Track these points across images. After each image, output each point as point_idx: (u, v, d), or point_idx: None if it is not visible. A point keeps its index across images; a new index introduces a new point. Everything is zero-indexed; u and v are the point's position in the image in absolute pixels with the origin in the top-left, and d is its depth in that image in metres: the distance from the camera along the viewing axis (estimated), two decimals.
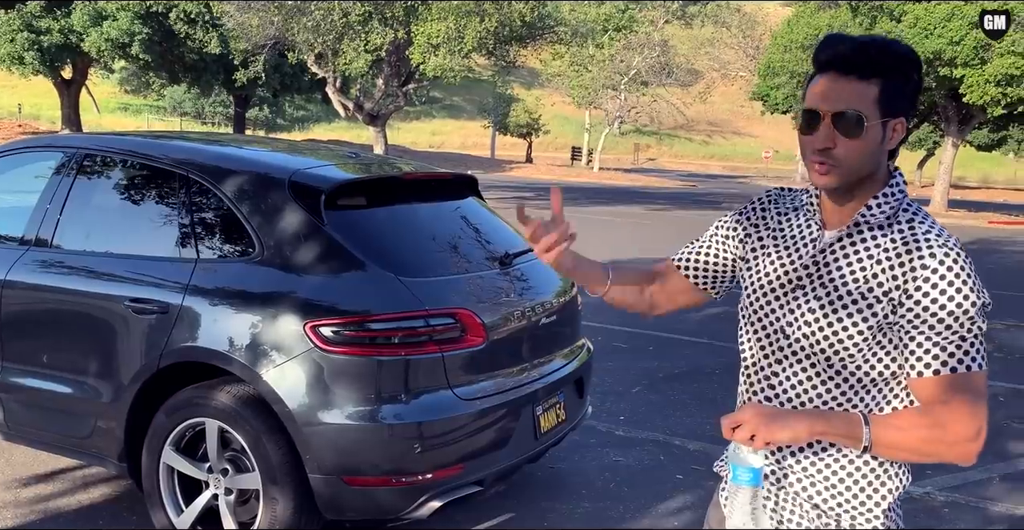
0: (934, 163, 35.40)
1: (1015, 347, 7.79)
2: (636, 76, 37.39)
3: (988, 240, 18.55)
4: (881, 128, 1.47)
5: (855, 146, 1.45)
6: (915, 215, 1.52)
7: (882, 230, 1.51)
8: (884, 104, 1.46)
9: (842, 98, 1.45)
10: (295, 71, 29.62)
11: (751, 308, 1.66)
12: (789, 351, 1.58)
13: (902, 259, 1.46)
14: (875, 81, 1.45)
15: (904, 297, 1.45)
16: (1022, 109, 23.35)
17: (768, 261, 1.65)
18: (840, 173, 1.48)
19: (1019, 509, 4.13)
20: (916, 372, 1.45)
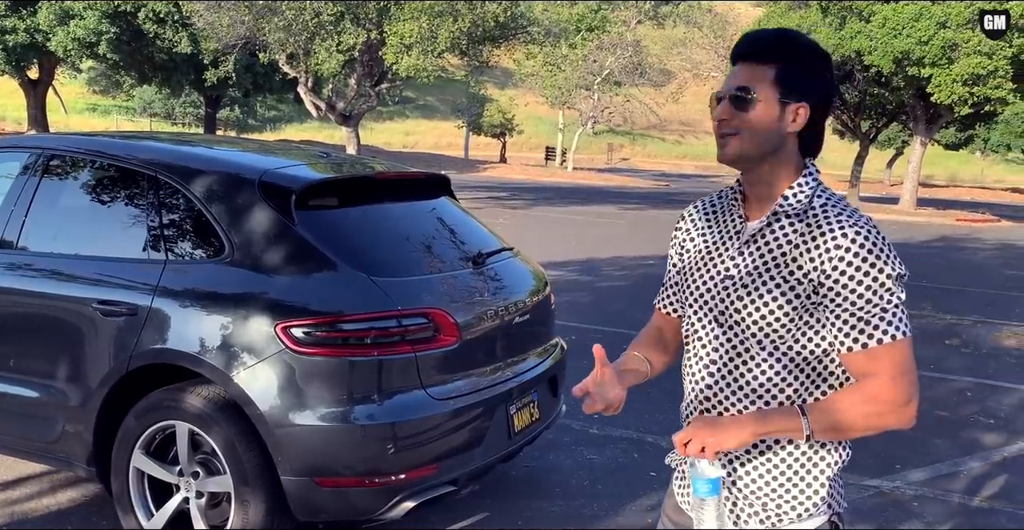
0: (903, 162, 35.83)
1: (981, 342, 7.91)
2: (609, 76, 37.48)
3: (955, 238, 18.82)
4: (779, 107, 1.58)
5: (746, 118, 1.58)
6: (827, 201, 1.61)
7: (799, 217, 1.60)
8: (782, 86, 1.58)
9: (739, 79, 1.60)
10: (266, 71, 29.37)
11: (695, 304, 1.73)
12: (731, 334, 1.66)
13: (817, 242, 1.55)
14: (772, 65, 1.59)
15: (823, 277, 1.54)
16: (988, 108, 23.69)
17: (701, 258, 1.74)
18: (734, 145, 1.60)
19: (986, 502, 4.19)
20: (845, 348, 1.55)
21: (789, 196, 1.62)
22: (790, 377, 1.62)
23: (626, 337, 7.07)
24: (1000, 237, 19.78)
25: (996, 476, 4.56)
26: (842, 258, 1.52)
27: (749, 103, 1.58)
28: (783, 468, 1.65)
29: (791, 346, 1.60)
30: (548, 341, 3.83)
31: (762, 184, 1.65)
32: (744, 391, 1.65)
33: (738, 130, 1.60)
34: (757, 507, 1.68)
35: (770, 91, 1.58)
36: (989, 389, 6.32)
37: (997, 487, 4.40)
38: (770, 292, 1.59)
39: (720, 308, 1.67)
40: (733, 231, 1.70)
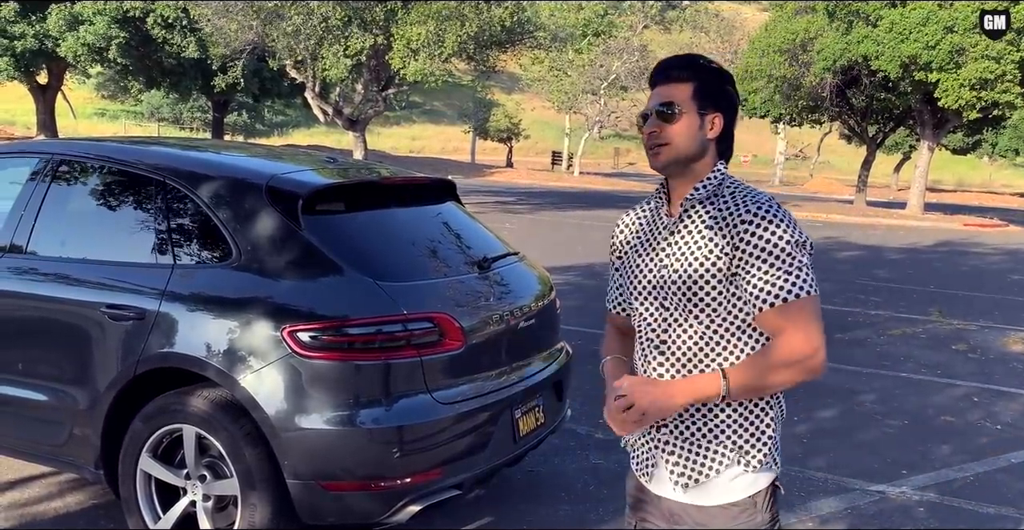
0: (910, 167, 35.74)
1: (988, 348, 7.88)
2: (615, 81, 37.54)
3: (962, 242, 18.76)
4: (699, 118, 1.82)
5: (673, 129, 1.81)
6: (734, 186, 1.83)
7: (709, 201, 1.82)
8: (699, 99, 1.82)
9: (663, 96, 1.83)
10: (274, 76, 29.48)
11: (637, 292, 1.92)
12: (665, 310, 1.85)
13: (727, 220, 1.76)
14: (689, 82, 1.83)
15: (734, 250, 1.74)
16: (997, 113, 23.60)
17: (636, 254, 1.94)
18: (666, 153, 1.82)
19: (991, 508, 4.18)
20: (757, 309, 1.74)
21: (699, 187, 1.84)
22: (712, 334, 1.80)
23: None
24: (1007, 242, 19.71)
25: (1003, 482, 4.55)
26: (748, 231, 1.73)
27: (674, 116, 1.81)
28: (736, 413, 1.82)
29: (718, 312, 1.79)
30: (553, 346, 3.84)
31: (684, 184, 1.86)
32: (668, 352, 1.85)
33: (667, 140, 1.82)
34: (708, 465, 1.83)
35: (690, 104, 1.81)
36: (996, 394, 6.31)
37: (1004, 493, 4.39)
38: (695, 265, 1.78)
39: (656, 289, 1.86)
40: (662, 226, 1.90)
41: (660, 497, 1.92)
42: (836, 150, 53.57)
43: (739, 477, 1.83)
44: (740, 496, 1.83)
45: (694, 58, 1.88)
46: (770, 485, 1.86)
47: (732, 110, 1.86)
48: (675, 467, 1.87)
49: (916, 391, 6.24)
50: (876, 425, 5.39)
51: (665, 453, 1.88)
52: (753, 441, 1.82)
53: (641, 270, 1.91)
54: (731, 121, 1.87)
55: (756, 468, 1.83)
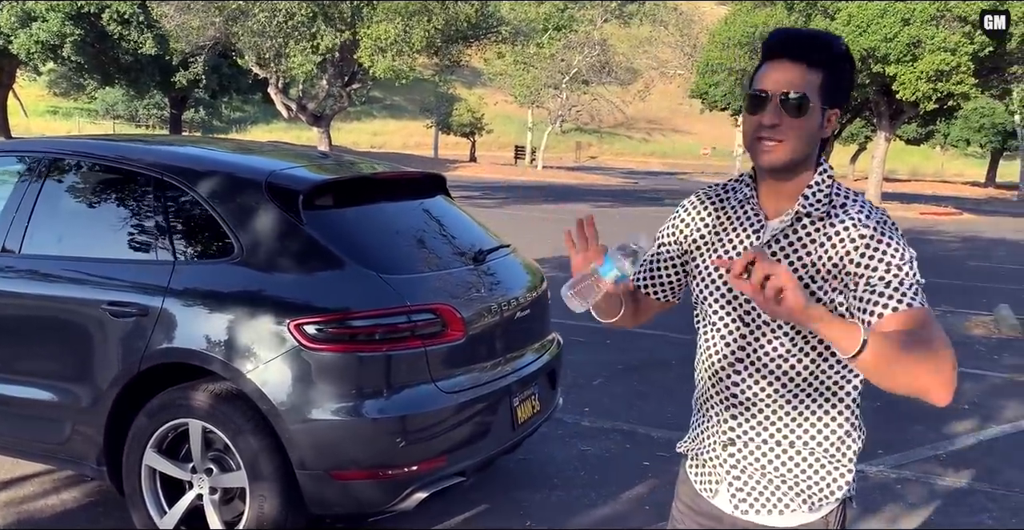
0: (865, 157, 36.40)
1: (951, 332, 8.10)
2: (577, 75, 37.70)
3: (920, 231, 19.21)
4: (821, 114, 1.59)
5: (799, 125, 1.56)
6: (847, 199, 1.63)
7: (825, 217, 1.61)
8: (825, 92, 1.57)
9: (791, 81, 1.55)
10: (233, 72, 29.17)
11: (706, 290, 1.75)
12: (745, 316, 1.68)
13: (840, 236, 1.57)
14: (820, 70, 1.56)
15: (845, 265, 1.55)
16: (952, 103, 24.15)
17: (708, 245, 1.75)
18: (785, 151, 1.57)
19: (962, 483, 4.37)
20: (889, 309, 1.49)
21: (809, 196, 1.63)
22: (801, 354, 1.64)
23: (608, 332, 7.14)
24: (963, 229, 20.23)
25: (973, 459, 4.74)
26: (867, 246, 1.54)
27: (806, 110, 1.56)
28: (806, 452, 1.70)
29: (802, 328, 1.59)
30: (546, 336, 3.93)
31: (785, 183, 1.65)
32: (756, 366, 1.68)
33: (788, 137, 1.57)
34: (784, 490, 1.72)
35: (816, 97, 1.57)
36: (961, 376, 6.42)
37: (975, 469, 4.58)
38: (806, 287, 1.59)
39: (740, 299, 1.69)
40: (748, 225, 1.70)
41: (724, 512, 1.80)
42: None
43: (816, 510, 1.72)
44: (811, 518, 1.74)
45: (830, 40, 1.60)
46: (842, 503, 1.75)
47: (847, 101, 1.67)
48: (738, 492, 1.76)
49: None
50: None
51: (730, 477, 1.77)
52: (822, 496, 1.71)
53: (720, 274, 1.72)
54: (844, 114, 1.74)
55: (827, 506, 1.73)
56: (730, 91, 27.67)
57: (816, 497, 1.71)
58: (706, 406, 1.81)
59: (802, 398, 1.68)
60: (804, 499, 1.71)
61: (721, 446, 1.77)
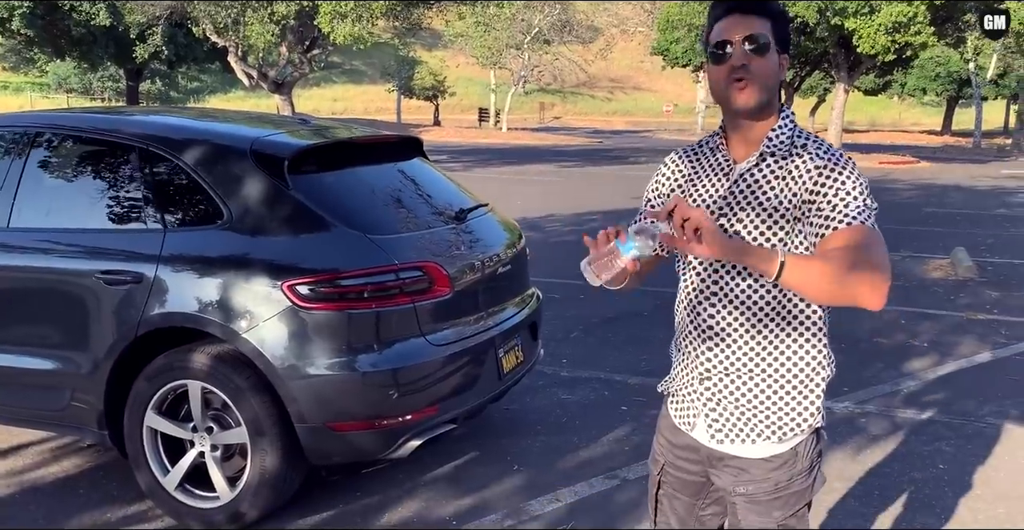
0: (825, 109, 36.74)
1: (911, 275, 8.44)
2: (538, 34, 37.51)
3: (879, 179, 19.58)
4: (778, 57, 1.75)
5: (763, 64, 1.71)
6: (807, 140, 1.77)
7: (787, 157, 1.76)
8: (776, 38, 1.73)
9: (751, 27, 1.72)
10: (189, 42, 28.63)
11: None
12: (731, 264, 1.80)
13: (799, 171, 1.72)
14: (768, 19, 1.73)
15: (807, 193, 1.70)
16: (910, 53, 24.44)
17: (689, 197, 1.88)
18: (756, 89, 1.71)
19: (923, 415, 4.63)
20: (830, 229, 1.64)
21: (772, 137, 1.78)
22: (768, 284, 1.77)
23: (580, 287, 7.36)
24: (920, 177, 20.65)
25: (931, 393, 5.01)
26: (823, 174, 1.69)
27: (766, 49, 1.71)
28: (776, 385, 1.82)
29: None
30: (526, 290, 4.09)
31: (751, 129, 1.79)
32: (728, 298, 1.81)
33: (756, 75, 1.70)
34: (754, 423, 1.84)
35: (773, 41, 1.73)
36: (920, 316, 6.82)
37: (933, 402, 4.85)
38: (752, 213, 1.75)
39: None
40: (719, 170, 1.84)
41: (700, 444, 1.93)
42: None
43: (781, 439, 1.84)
44: (781, 449, 1.85)
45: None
46: (812, 434, 1.87)
47: (789, 51, 1.82)
48: (713, 423, 1.88)
49: (847, 318, 6.68)
50: None
51: (706, 408, 1.89)
52: (793, 425, 1.83)
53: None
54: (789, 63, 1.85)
55: (801, 433, 1.84)
56: (691, 47, 27.73)
57: (786, 427, 1.82)
58: (683, 343, 1.94)
59: (771, 327, 1.81)
60: (774, 430, 1.83)
61: (698, 380, 1.89)
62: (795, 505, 1.89)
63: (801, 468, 1.86)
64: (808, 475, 1.88)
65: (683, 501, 2.04)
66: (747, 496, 1.88)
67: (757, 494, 1.87)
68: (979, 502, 3.65)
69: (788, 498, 1.87)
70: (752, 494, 1.87)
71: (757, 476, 1.86)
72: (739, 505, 1.91)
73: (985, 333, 6.35)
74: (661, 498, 2.07)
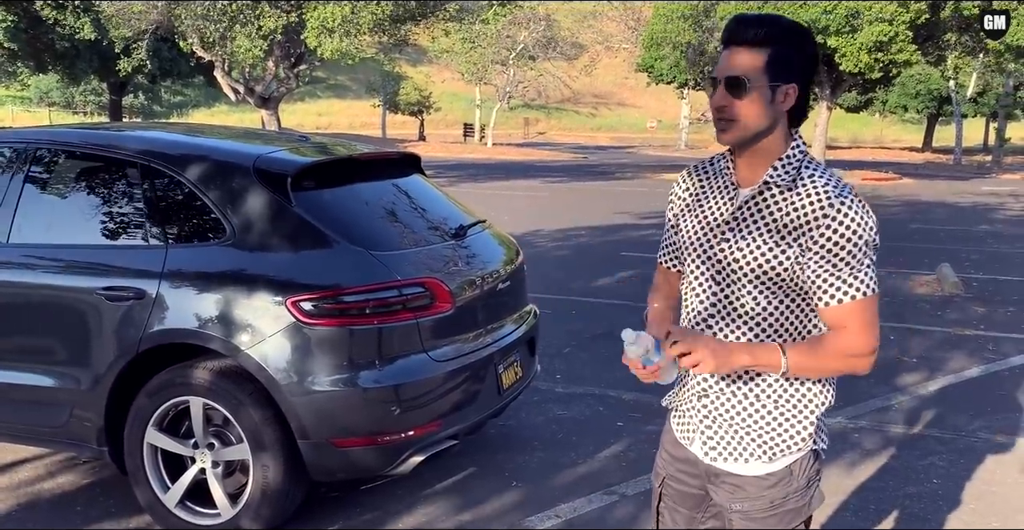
0: (808, 126, 37.02)
1: (898, 291, 8.53)
2: (523, 51, 37.75)
3: (863, 196, 19.59)
4: (770, 91, 1.70)
5: (743, 105, 1.70)
6: (815, 171, 1.75)
7: (788, 188, 1.75)
8: (772, 69, 1.69)
9: (734, 65, 1.71)
10: (173, 56, 28.59)
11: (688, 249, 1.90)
12: (723, 271, 1.83)
13: (805, 210, 1.72)
14: (764, 50, 1.68)
15: (810, 242, 1.71)
16: (894, 71, 24.74)
17: (695, 216, 1.90)
18: (735, 129, 1.73)
19: (915, 430, 4.69)
20: (823, 303, 1.73)
21: (778, 167, 1.76)
22: (779, 304, 1.79)
23: (573, 303, 7.40)
24: (903, 193, 20.88)
25: (923, 408, 5.07)
26: (826, 225, 1.69)
27: (743, 91, 1.70)
28: (771, 405, 1.84)
29: (780, 290, 1.77)
30: (524, 306, 4.12)
31: (754, 154, 1.79)
32: (729, 319, 1.82)
33: (735, 117, 1.72)
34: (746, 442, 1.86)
35: (762, 75, 1.69)
36: (909, 332, 6.90)
37: (925, 417, 4.90)
38: (759, 237, 1.76)
39: (713, 261, 1.83)
40: (725, 195, 1.84)
41: (699, 459, 1.95)
42: None
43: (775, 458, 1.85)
44: (778, 467, 1.86)
45: (773, 20, 1.71)
46: (809, 454, 1.87)
47: (809, 77, 1.75)
48: (708, 440, 1.90)
49: None
50: None
51: (702, 426, 1.91)
52: (784, 446, 1.84)
53: (698, 236, 1.87)
54: (807, 88, 1.76)
55: (793, 453, 1.85)
56: (675, 64, 27.98)
57: (777, 448, 1.84)
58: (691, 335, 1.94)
59: None
60: (764, 450, 1.84)
61: (696, 397, 1.91)
62: (791, 522, 1.90)
63: (797, 486, 1.87)
64: (805, 493, 1.89)
65: (683, 514, 2.06)
66: (743, 513, 1.90)
67: (752, 511, 1.89)
68: (973, 516, 3.69)
69: (783, 515, 1.89)
70: (748, 511, 1.90)
71: (752, 493, 1.88)
72: (736, 521, 1.93)
73: (973, 348, 6.42)
74: (662, 510, 2.10)
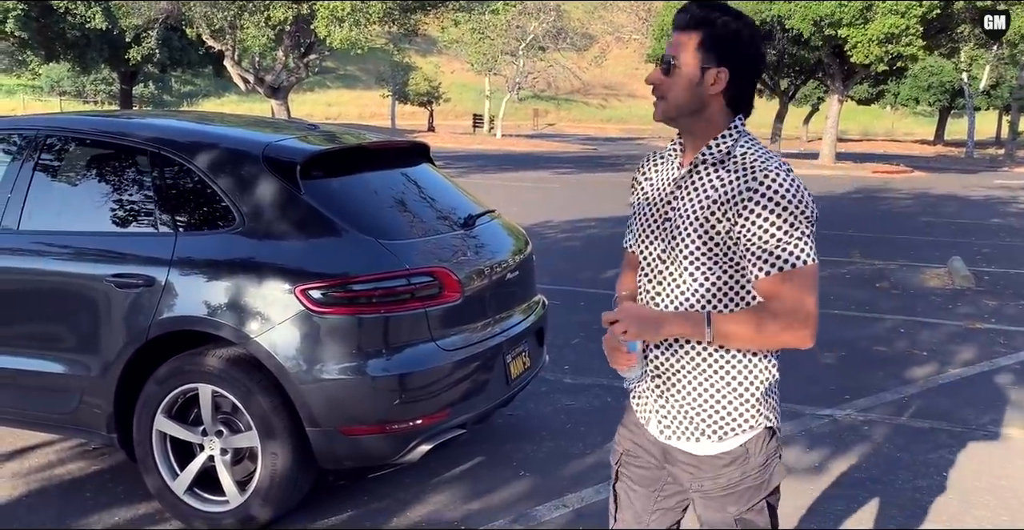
0: (819, 118, 36.90)
1: (908, 284, 8.49)
2: (533, 41, 37.62)
3: (874, 189, 19.71)
4: (699, 72, 1.77)
5: (671, 82, 1.79)
6: (747, 148, 1.79)
7: (721, 163, 1.80)
8: (703, 52, 1.77)
9: (669, 47, 1.82)
10: (183, 45, 28.61)
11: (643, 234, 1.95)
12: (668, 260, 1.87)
13: (734, 185, 1.75)
14: (696, 33, 1.77)
15: (737, 217, 1.73)
16: (901, 64, 24.60)
17: (647, 198, 1.98)
18: (664, 106, 1.82)
19: (926, 423, 4.66)
20: (754, 276, 1.74)
21: (712, 146, 1.82)
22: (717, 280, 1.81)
23: (581, 294, 7.40)
24: (914, 186, 20.77)
25: (933, 401, 5.04)
26: (751, 198, 1.72)
27: (671, 70, 1.80)
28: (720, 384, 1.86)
29: (715, 271, 1.80)
30: (532, 297, 4.10)
31: (693, 137, 1.86)
32: (677, 292, 1.86)
33: (663, 94, 1.82)
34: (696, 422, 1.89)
35: (693, 57, 1.78)
36: (919, 325, 6.87)
37: (936, 410, 4.88)
38: (695, 225, 1.80)
39: (658, 241, 1.89)
40: (670, 176, 1.93)
41: (656, 439, 1.98)
42: None
43: (727, 436, 1.87)
44: (732, 446, 1.88)
45: (707, 6, 1.80)
46: (763, 431, 1.90)
47: (746, 62, 1.80)
48: (662, 420, 1.94)
49: (848, 326, 6.75)
50: (817, 358, 5.84)
51: (656, 405, 1.95)
52: (735, 425, 1.86)
53: (647, 217, 1.93)
54: (744, 75, 1.81)
55: (744, 430, 1.87)
56: None
57: (728, 427, 1.86)
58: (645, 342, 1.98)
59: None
60: (715, 429, 1.87)
61: (651, 378, 1.95)
62: (752, 500, 1.92)
63: (754, 464, 1.89)
64: (763, 471, 1.91)
65: (639, 493, 2.08)
66: (703, 492, 1.94)
67: (712, 491, 1.92)
68: (984, 510, 3.67)
69: (743, 493, 1.91)
70: (707, 491, 1.93)
71: (709, 473, 1.91)
72: (697, 501, 1.98)
73: (984, 342, 6.39)
74: (619, 490, 2.11)
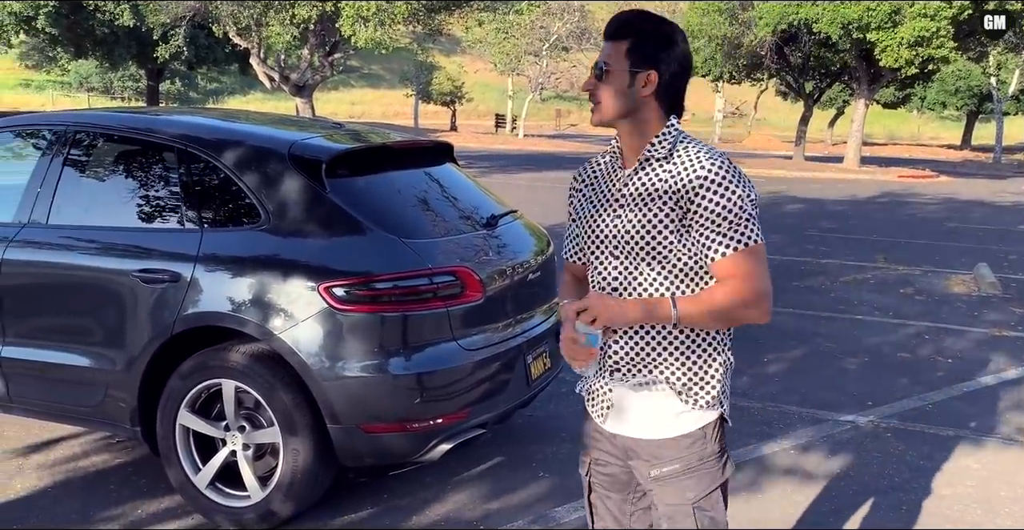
0: (844, 122, 36.60)
1: (933, 290, 8.41)
2: (556, 42, 37.58)
3: (899, 193, 19.52)
4: (629, 76, 1.88)
5: (604, 87, 1.90)
6: (689, 144, 1.90)
7: (665, 159, 1.90)
8: (632, 57, 1.87)
9: (601, 56, 1.92)
10: (210, 43, 28.81)
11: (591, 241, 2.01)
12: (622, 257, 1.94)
13: (680, 175, 1.86)
14: (625, 40, 1.88)
15: (689, 204, 1.84)
16: (932, 67, 24.32)
17: (590, 203, 2.04)
18: (599, 111, 1.92)
19: (950, 431, 4.61)
20: (710, 258, 1.85)
21: (655, 143, 1.92)
22: (672, 277, 1.90)
23: None
24: (940, 192, 20.54)
25: (958, 408, 4.99)
26: (701, 185, 1.83)
27: (604, 75, 1.90)
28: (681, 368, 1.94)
29: (671, 260, 1.89)
30: (554, 297, 4.09)
31: (632, 138, 1.95)
32: (634, 294, 1.94)
33: (599, 99, 1.92)
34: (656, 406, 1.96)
35: (623, 62, 1.88)
36: (944, 332, 6.79)
37: (959, 418, 4.82)
38: (649, 217, 1.88)
39: (611, 239, 1.96)
40: (613, 177, 2.00)
41: (615, 434, 2.04)
42: (772, 107, 54.51)
43: (685, 413, 1.96)
44: (691, 428, 1.97)
45: (633, 15, 1.91)
46: (718, 419, 1.99)
47: (674, 65, 1.90)
48: (619, 414, 2.01)
49: (872, 331, 6.69)
50: (840, 363, 5.80)
51: (613, 397, 2.01)
52: (696, 388, 1.95)
53: (596, 222, 1.99)
54: (674, 77, 1.90)
55: (703, 407, 1.95)
56: (711, 57, 27.69)
57: (686, 408, 1.95)
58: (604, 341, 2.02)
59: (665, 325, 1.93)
60: (676, 412, 1.96)
61: (608, 373, 2.01)
62: (708, 487, 2.00)
63: (712, 450, 1.98)
64: (718, 459, 2.01)
65: (614, 499, 2.15)
66: (661, 478, 2.00)
67: (670, 475, 1.99)
68: (1008, 520, 3.63)
69: (702, 478, 1.99)
70: (666, 476, 1.99)
71: (668, 456, 1.98)
72: (656, 490, 2.02)
73: (1011, 350, 6.31)
74: (594, 501, 2.18)
